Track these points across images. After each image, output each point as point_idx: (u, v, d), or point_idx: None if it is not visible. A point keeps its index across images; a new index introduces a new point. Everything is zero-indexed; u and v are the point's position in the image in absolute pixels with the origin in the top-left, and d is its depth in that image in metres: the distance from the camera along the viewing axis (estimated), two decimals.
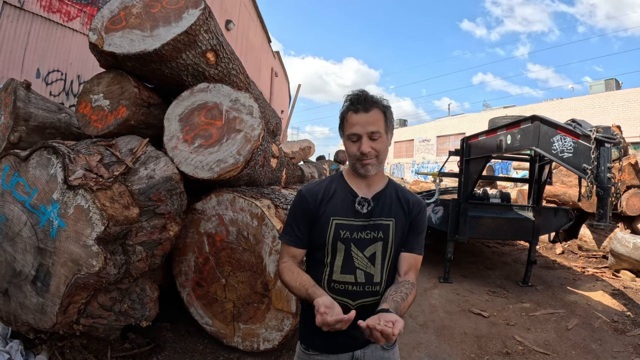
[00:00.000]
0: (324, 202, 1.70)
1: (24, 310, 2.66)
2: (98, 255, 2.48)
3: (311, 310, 1.58)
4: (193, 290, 3.44)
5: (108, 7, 3.51)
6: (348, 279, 1.66)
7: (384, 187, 1.76)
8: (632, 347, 4.20)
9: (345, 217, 1.67)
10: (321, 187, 1.75)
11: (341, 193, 1.72)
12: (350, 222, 1.67)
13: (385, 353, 1.76)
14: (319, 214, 1.69)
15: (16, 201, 2.63)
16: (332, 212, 1.68)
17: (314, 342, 1.74)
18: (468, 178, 6.42)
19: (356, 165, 1.66)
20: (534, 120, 4.66)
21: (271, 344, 3.25)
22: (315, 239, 1.71)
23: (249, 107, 3.37)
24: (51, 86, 6.82)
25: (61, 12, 6.81)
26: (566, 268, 7.69)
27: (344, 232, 1.66)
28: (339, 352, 1.70)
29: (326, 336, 1.61)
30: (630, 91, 21.92)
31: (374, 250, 1.67)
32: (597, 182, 3.83)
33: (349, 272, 1.66)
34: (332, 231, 1.66)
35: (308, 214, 1.71)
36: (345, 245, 1.66)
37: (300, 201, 1.74)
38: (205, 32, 3.44)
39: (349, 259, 1.66)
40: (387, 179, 1.81)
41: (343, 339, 1.67)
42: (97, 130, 3.38)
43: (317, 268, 1.71)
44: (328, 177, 1.83)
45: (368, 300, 1.66)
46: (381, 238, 1.67)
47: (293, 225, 1.74)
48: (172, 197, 3.05)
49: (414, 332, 4.41)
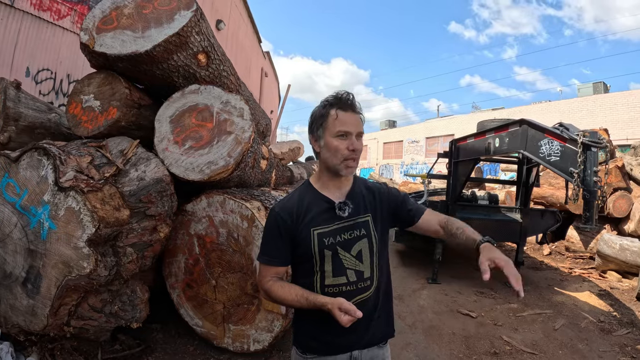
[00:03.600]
0: (300, 216, 1.70)
1: (14, 312, 2.67)
2: (89, 257, 2.49)
3: (310, 316, 1.66)
4: (183, 291, 3.45)
5: (100, 7, 3.51)
6: (341, 281, 1.68)
7: (352, 185, 1.79)
8: (618, 347, 4.26)
9: (325, 226, 1.69)
10: (293, 202, 1.74)
11: (316, 203, 1.73)
12: (331, 228, 1.69)
13: (379, 351, 1.80)
14: (299, 229, 1.68)
15: (6, 202, 2.63)
16: (312, 224, 1.68)
17: (311, 345, 1.75)
18: (456, 180, 6.49)
19: (340, 166, 1.66)
20: (522, 123, 4.71)
21: (261, 344, 3.28)
22: (300, 252, 1.70)
23: (239, 109, 3.39)
24: (41, 85, 6.76)
25: (51, 11, 6.76)
26: (554, 269, 7.76)
27: (328, 239, 1.67)
28: (337, 353, 1.72)
29: (324, 340, 1.70)
30: (617, 94, 22.26)
31: (360, 248, 1.70)
32: (584, 186, 3.88)
33: (341, 274, 1.68)
34: (316, 242, 1.67)
35: (286, 231, 1.69)
36: (332, 251, 1.67)
37: (275, 221, 1.71)
38: (197, 34, 3.45)
39: (338, 261, 1.68)
40: (353, 177, 1.83)
41: (341, 340, 1.70)
42: (87, 131, 3.38)
43: (307, 277, 1.71)
44: (296, 190, 1.82)
45: (362, 297, 1.69)
46: (364, 234, 1.71)
47: (272, 245, 1.72)
48: (162, 198, 3.06)
49: (403, 332, 4.44)
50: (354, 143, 1.63)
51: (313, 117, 1.73)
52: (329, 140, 1.65)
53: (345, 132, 1.63)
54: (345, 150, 1.63)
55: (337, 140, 1.64)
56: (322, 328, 1.69)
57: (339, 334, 1.66)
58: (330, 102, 1.67)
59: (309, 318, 1.71)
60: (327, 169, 1.72)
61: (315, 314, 1.61)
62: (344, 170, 1.66)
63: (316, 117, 1.71)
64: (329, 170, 1.72)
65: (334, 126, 1.64)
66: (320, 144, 1.70)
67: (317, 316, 1.62)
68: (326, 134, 1.66)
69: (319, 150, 1.72)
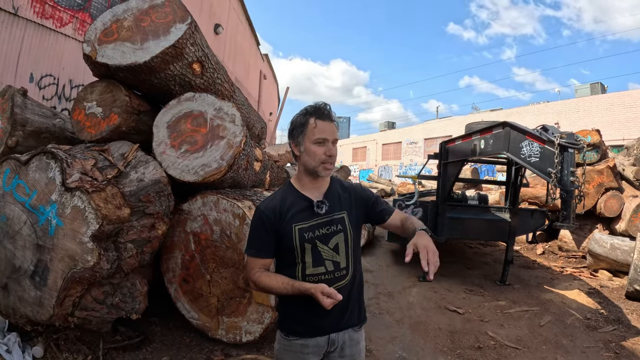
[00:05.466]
0: (282, 214, 1.87)
1: (22, 303, 2.86)
2: (93, 251, 2.69)
3: (292, 301, 1.87)
4: (180, 286, 3.64)
5: (101, 20, 3.72)
6: (320, 271, 1.86)
7: (329, 186, 1.99)
8: (602, 343, 4.35)
9: (305, 222, 1.87)
10: (276, 201, 1.91)
11: (296, 202, 1.90)
12: (310, 224, 1.87)
13: (355, 334, 2.00)
14: (282, 225, 1.86)
15: (16, 202, 2.84)
16: (293, 221, 1.86)
17: (294, 329, 1.92)
18: (446, 180, 6.64)
19: (318, 168, 1.85)
20: (505, 126, 4.89)
21: (253, 336, 3.47)
22: (283, 246, 1.87)
23: (231, 116, 3.59)
24: (44, 90, 6.95)
25: (54, 18, 6.95)
26: (545, 268, 7.84)
27: (308, 234, 1.86)
28: (316, 335, 1.91)
29: (306, 323, 1.90)
30: (614, 95, 22.35)
31: (336, 241, 1.90)
32: (561, 185, 4.03)
33: (319, 265, 1.86)
34: (297, 236, 1.85)
35: (271, 227, 1.86)
36: (311, 244, 1.85)
37: (261, 218, 1.88)
38: (192, 45, 3.66)
39: (317, 253, 1.86)
40: (329, 178, 2.03)
41: (321, 322, 1.88)
42: (90, 136, 3.59)
43: (289, 268, 1.89)
44: (279, 191, 2.01)
45: (339, 284, 1.88)
46: (341, 230, 1.91)
47: (258, 240, 1.89)
48: (160, 198, 3.27)
49: (390, 327, 4.60)
50: (330, 149, 1.84)
51: (294, 125, 1.91)
52: (309, 146, 1.84)
53: (323, 140, 1.82)
54: (322, 155, 1.83)
55: (315, 146, 1.83)
56: (303, 312, 1.87)
57: (318, 317, 1.85)
58: (310, 111, 1.86)
59: (291, 303, 1.90)
60: (307, 171, 1.90)
61: (298, 299, 1.81)
62: (322, 172, 1.86)
63: (297, 124, 1.89)
64: (308, 172, 1.90)
65: (312, 134, 1.82)
66: (300, 149, 1.87)
67: (299, 301, 1.82)
68: (306, 140, 1.84)
69: (299, 154, 1.90)
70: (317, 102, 1.90)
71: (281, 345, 1.96)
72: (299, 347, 1.90)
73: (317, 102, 1.90)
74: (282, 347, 1.96)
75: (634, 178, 8.92)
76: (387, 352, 3.98)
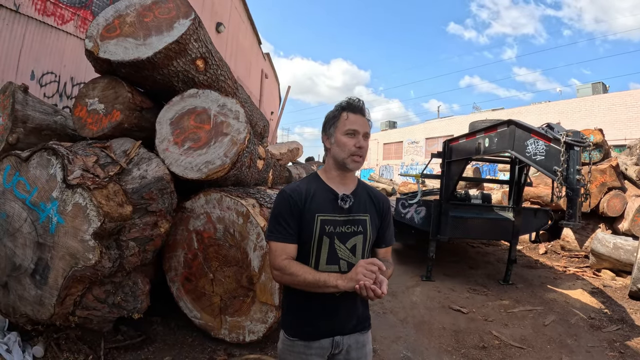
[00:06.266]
0: (307, 200, 1.81)
1: (22, 302, 2.83)
2: (94, 249, 2.65)
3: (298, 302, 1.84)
4: (182, 284, 3.60)
5: (103, 15, 3.68)
6: (333, 269, 1.79)
7: (356, 186, 1.96)
8: (606, 343, 4.34)
9: (328, 214, 1.82)
10: (302, 187, 1.86)
11: (322, 192, 1.86)
12: (333, 218, 1.82)
13: (361, 337, 1.95)
14: (305, 211, 1.80)
15: (17, 199, 2.80)
16: (317, 209, 1.81)
17: (297, 331, 1.87)
18: (449, 179, 6.61)
19: (347, 160, 1.83)
20: (510, 124, 4.86)
21: (256, 335, 3.43)
22: (302, 235, 1.81)
23: (235, 112, 3.55)
24: (45, 88, 6.91)
25: (55, 15, 6.90)
26: (548, 267, 7.85)
27: (329, 227, 1.80)
28: (320, 337, 1.86)
29: (309, 325, 1.84)
30: (616, 95, 22.29)
31: (354, 242, 1.86)
32: (567, 184, 3.99)
33: (334, 263, 1.81)
34: (318, 227, 1.79)
35: (296, 210, 1.79)
36: (329, 239, 1.80)
37: (286, 200, 1.81)
38: (195, 41, 3.62)
39: (333, 251, 1.81)
40: (357, 180, 2.01)
41: (323, 324, 1.83)
42: (92, 133, 3.55)
43: (301, 261, 1.80)
44: (305, 179, 1.98)
45: None
46: (361, 232, 1.86)
47: (283, 224, 1.79)
48: (163, 196, 3.23)
49: (394, 326, 4.57)
50: (360, 141, 1.83)
51: (327, 118, 1.93)
52: (339, 137, 1.84)
53: (353, 131, 1.82)
54: (352, 147, 1.81)
55: (345, 138, 1.82)
56: (308, 314, 1.83)
57: (323, 318, 1.82)
58: (343, 105, 1.88)
59: (296, 304, 1.86)
60: (336, 163, 1.89)
61: (303, 300, 1.78)
62: (350, 164, 1.84)
63: (329, 118, 1.91)
64: (337, 164, 1.88)
65: (344, 125, 1.83)
66: (331, 140, 1.88)
67: (304, 302, 1.79)
68: (337, 132, 1.85)
69: (329, 147, 1.90)
70: (351, 97, 1.90)
71: (284, 345, 1.91)
72: (303, 348, 1.85)
73: (351, 97, 1.90)
74: (285, 347, 1.91)
75: (636, 177, 8.91)
76: (392, 352, 3.96)
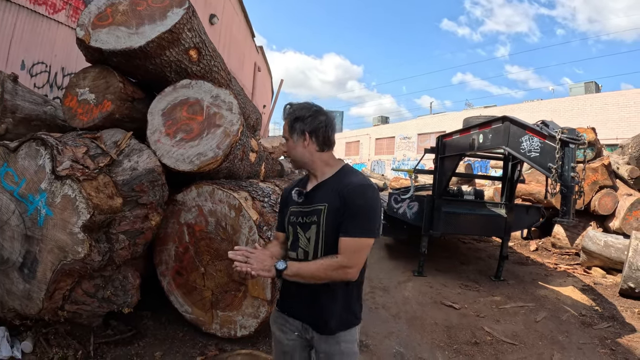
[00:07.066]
0: (288, 196, 2.08)
1: (10, 296, 2.77)
2: (83, 242, 2.60)
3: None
4: (173, 278, 3.56)
5: (95, 4, 3.61)
6: (292, 256, 1.97)
7: (328, 177, 1.95)
8: (597, 339, 4.37)
9: (294, 206, 2.00)
10: (292, 184, 2.15)
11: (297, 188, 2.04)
12: (296, 209, 1.98)
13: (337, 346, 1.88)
14: (287, 205, 2.07)
15: (4, 190, 2.74)
16: (290, 203, 2.03)
17: (279, 302, 2.10)
18: (442, 175, 6.62)
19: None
20: (505, 120, 4.86)
21: (248, 330, 3.40)
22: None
23: (228, 104, 3.50)
24: (36, 78, 6.81)
25: (47, 5, 6.80)
26: (539, 264, 7.91)
27: (293, 218, 1.98)
28: (288, 314, 2.00)
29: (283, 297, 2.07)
30: (608, 94, 22.48)
31: (311, 232, 1.90)
32: (561, 181, 4.00)
33: (294, 250, 1.97)
34: (288, 217, 2.02)
35: (284, 205, 2.12)
36: (293, 228, 1.98)
37: (280, 197, 2.24)
38: (189, 31, 3.56)
39: (296, 239, 1.96)
40: (337, 170, 1.96)
41: (288, 303, 2.02)
42: (82, 123, 3.48)
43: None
44: (302, 176, 2.18)
45: None
46: (315, 221, 1.89)
47: (279, 215, 2.18)
48: (154, 188, 3.17)
49: (386, 322, 4.57)
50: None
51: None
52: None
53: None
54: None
55: None
56: (283, 289, 2.08)
57: (288, 295, 2.02)
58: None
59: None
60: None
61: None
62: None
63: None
64: None
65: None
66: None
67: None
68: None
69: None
70: None
71: (272, 315, 2.13)
72: (282, 320, 2.02)
73: None
74: (272, 316, 2.12)
75: (628, 177, 8.96)
76: (385, 347, 3.95)
